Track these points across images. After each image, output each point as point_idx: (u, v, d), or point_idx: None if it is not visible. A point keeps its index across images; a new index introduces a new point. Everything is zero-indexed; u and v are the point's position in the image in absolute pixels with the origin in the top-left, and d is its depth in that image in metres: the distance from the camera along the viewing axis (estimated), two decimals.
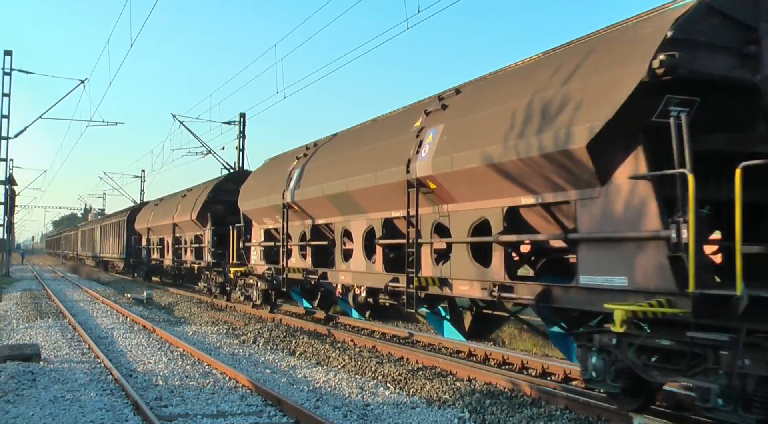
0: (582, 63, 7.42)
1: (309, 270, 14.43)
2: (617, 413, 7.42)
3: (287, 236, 15.49)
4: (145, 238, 34.00)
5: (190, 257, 25.46)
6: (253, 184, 18.27)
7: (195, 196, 24.96)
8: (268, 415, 7.93)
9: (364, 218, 12.18)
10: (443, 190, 9.57)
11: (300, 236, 15.05)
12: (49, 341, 14.20)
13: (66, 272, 56.28)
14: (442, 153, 9.37)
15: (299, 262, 15.00)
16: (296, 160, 15.51)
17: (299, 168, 14.91)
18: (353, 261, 12.68)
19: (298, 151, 16.21)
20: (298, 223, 15.06)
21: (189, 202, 25.52)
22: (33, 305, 22.78)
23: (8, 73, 27.14)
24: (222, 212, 22.57)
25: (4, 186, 27.66)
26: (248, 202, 17.83)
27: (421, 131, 10.22)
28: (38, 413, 8.00)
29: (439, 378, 9.76)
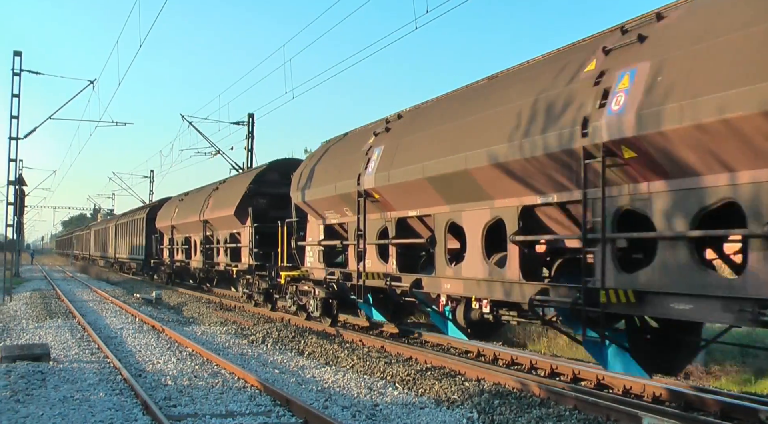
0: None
1: (393, 276, 11.94)
2: (626, 414, 7.39)
3: (361, 234, 12.85)
4: (168, 237, 30.94)
5: (225, 259, 22.57)
6: (311, 171, 15.33)
7: (232, 189, 21.89)
8: (276, 415, 7.93)
9: (487, 207, 9.56)
10: None
11: (379, 232, 12.61)
12: (59, 341, 14.26)
13: (75, 272, 56.51)
14: None
15: (378, 265, 12.45)
16: (374, 137, 12.72)
17: (382, 145, 12.05)
18: (466, 265, 10.10)
19: (376, 126, 13.37)
20: (377, 216, 12.52)
21: (224, 195, 22.40)
22: (42, 304, 22.88)
23: (18, 73, 27.21)
24: (264, 207, 19.90)
25: (13, 186, 27.79)
26: (305, 193, 15.10)
27: None
28: (48, 412, 8.03)
29: (448, 378, 9.74)
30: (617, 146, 6.99)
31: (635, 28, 7.58)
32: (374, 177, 11.83)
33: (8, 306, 23.03)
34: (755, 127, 5.67)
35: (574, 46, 8.83)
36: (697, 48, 6.45)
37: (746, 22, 6.08)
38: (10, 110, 27.41)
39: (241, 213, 20.09)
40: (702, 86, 6.18)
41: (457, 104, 10.62)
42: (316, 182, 14.66)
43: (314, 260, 15.35)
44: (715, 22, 6.52)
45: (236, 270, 21.26)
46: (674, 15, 7.28)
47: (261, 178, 20.48)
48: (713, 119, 5.98)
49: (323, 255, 14.94)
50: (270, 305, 19.77)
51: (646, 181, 7.05)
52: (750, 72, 5.77)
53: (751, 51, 5.90)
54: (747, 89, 5.72)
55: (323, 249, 14.95)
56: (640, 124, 6.65)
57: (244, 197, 20.03)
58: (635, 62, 7.07)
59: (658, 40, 7.09)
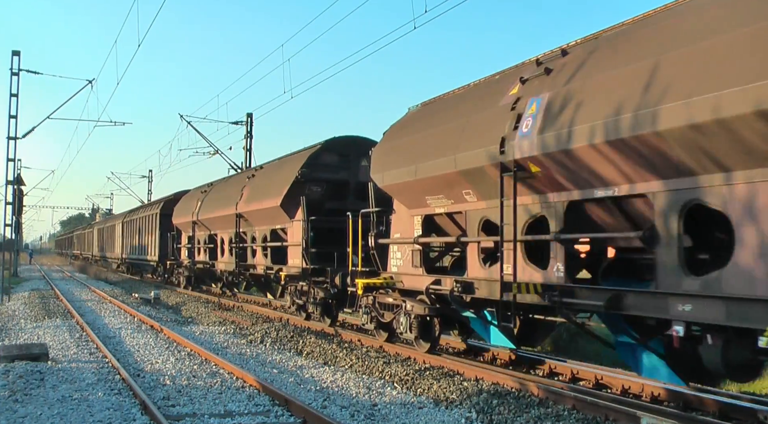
0: None
1: (562, 288, 8.24)
2: (625, 413, 7.40)
3: (504, 226, 8.87)
4: (187, 234, 27.26)
5: (264, 261, 18.90)
6: (404, 144, 11.64)
7: (277, 176, 17.92)
8: (275, 415, 7.93)
9: None
10: None
11: (527, 224, 8.90)
12: (57, 340, 14.25)
13: (74, 271, 56.46)
14: None
15: (530, 272, 8.78)
16: (521, 85, 9.07)
17: (543, 94, 8.42)
18: None
19: (517, 71, 9.74)
20: (528, 200, 8.82)
21: (265, 183, 18.51)
22: (41, 304, 22.86)
23: (16, 73, 27.20)
24: (318, 197, 16.29)
25: (12, 186, 27.78)
26: (393, 174, 11.62)
27: None
28: (46, 412, 8.02)
29: (447, 378, 9.75)
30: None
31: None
32: (536, 141, 8.09)
33: (6, 306, 23.02)
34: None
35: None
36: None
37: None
38: (9, 110, 27.41)
39: (290, 204, 16.38)
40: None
41: None
42: (413, 157, 10.91)
43: (404, 262, 11.86)
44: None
45: (283, 275, 17.12)
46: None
47: (315, 160, 16.41)
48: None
49: (421, 257, 11.36)
50: (329, 319, 15.89)
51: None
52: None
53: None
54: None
55: (421, 249, 11.46)
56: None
57: (294, 185, 16.13)
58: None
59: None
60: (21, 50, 27.52)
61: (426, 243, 11.50)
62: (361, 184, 15.48)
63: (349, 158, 16.30)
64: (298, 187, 16.12)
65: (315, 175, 16.30)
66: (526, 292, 8.68)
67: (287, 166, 17.57)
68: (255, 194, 18.92)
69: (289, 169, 17.10)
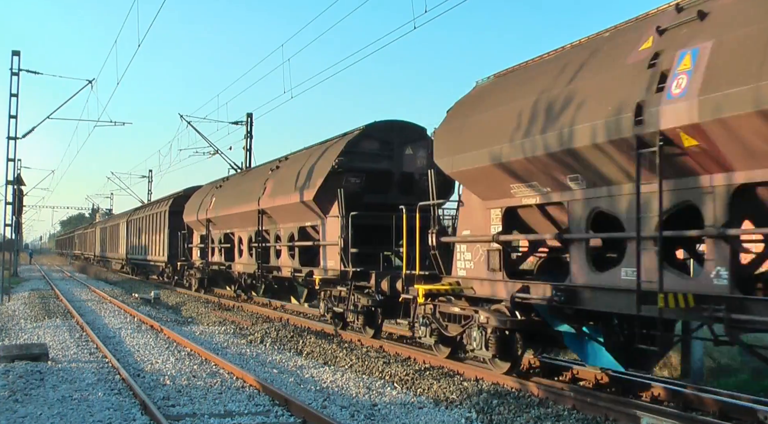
0: None
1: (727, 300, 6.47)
2: (624, 413, 7.40)
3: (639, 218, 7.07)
4: (200, 233, 25.39)
5: (290, 262, 16.97)
6: (481, 120, 9.60)
7: (308, 166, 15.63)
8: (275, 415, 7.93)
9: None
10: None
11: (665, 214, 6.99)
12: (57, 340, 14.25)
13: (74, 272, 56.46)
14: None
15: (672, 279, 6.96)
16: (658, 35, 7.25)
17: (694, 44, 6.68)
18: None
19: (648, 20, 7.76)
20: (671, 183, 6.97)
21: (294, 175, 16.11)
22: (41, 304, 22.86)
23: (16, 73, 27.19)
24: (357, 189, 14.31)
25: (12, 186, 27.78)
26: (465, 157, 9.61)
27: None
28: (46, 412, 8.02)
29: (447, 378, 9.75)
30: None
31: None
32: (696, 104, 6.34)
33: (6, 306, 23.02)
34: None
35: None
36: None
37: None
38: (9, 110, 27.41)
39: (325, 198, 14.38)
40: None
41: None
42: (495, 137, 9.02)
43: (476, 265, 9.95)
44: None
45: (318, 279, 14.87)
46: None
47: (354, 147, 14.37)
48: None
49: (501, 259, 9.46)
50: (372, 330, 13.65)
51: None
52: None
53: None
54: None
55: (501, 249, 9.46)
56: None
57: (330, 176, 14.10)
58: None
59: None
60: (21, 50, 27.54)
61: (507, 242, 9.54)
62: (406, 175, 14.67)
63: (392, 146, 14.54)
64: (334, 178, 14.09)
65: (354, 164, 14.20)
66: (674, 305, 6.72)
67: (320, 155, 15.36)
68: (281, 188, 16.72)
69: (322, 158, 14.98)
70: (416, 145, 14.78)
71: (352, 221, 13.40)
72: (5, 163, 27.23)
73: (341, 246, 13.64)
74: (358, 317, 13.64)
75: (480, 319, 9.61)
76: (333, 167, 14.07)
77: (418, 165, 14.60)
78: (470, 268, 10.16)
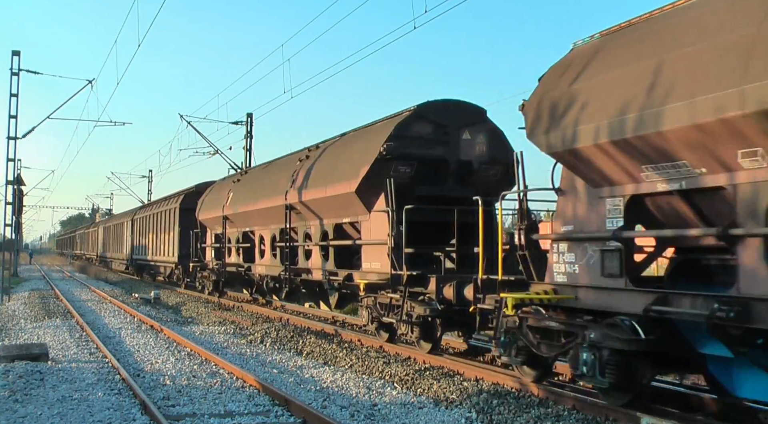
0: None
1: None
2: (624, 414, 7.40)
3: None
4: (215, 232, 23.54)
5: (323, 263, 14.77)
6: (593, 86, 7.63)
7: (348, 154, 13.86)
8: (275, 415, 7.93)
9: None
10: None
11: None
12: (57, 340, 14.25)
13: (74, 272, 56.46)
14: None
15: None
16: None
17: None
18: None
19: None
20: None
21: (330, 165, 14.39)
22: (41, 304, 22.86)
23: (16, 73, 27.19)
24: (408, 180, 12.31)
25: (12, 186, 27.78)
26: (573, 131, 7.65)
27: None
28: (46, 412, 8.02)
29: (447, 378, 9.75)
30: None
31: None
32: None
33: (6, 306, 23.02)
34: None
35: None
36: None
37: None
38: (9, 110, 27.40)
39: (369, 190, 12.49)
40: None
41: None
42: (619, 105, 7.06)
43: (582, 269, 8.05)
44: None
45: (363, 283, 12.70)
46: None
47: (404, 131, 12.40)
48: None
49: (622, 261, 7.45)
50: (428, 344, 11.73)
51: None
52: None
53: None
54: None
55: (622, 249, 7.49)
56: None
57: (376, 164, 12.22)
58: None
59: None
60: (21, 50, 27.55)
61: (630, 240, 7.72)
62: (463, 163, 12.71)
63: (447, 129, 12.61)
64: (381, 166, 12.16)
65: (404, 150, 12.26)
66: None
67: (364, 140, 13.51)
68: (313, 180, 14.85)
69: (366, 144, 13.12)
70: (475, 129, 12.84)
71: (403, 216, 11.40)
72: (5, 163, 27.24)
73: (391, 245, 11.73)
74: (412, 329, 11.58)
75: (591, 337, 7.64)
76: (380, 154, 12.08)
77: (477, 152, 12.80)
78: (573, 272, 8.16)
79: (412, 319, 11.49)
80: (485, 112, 13.13)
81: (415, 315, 11.38)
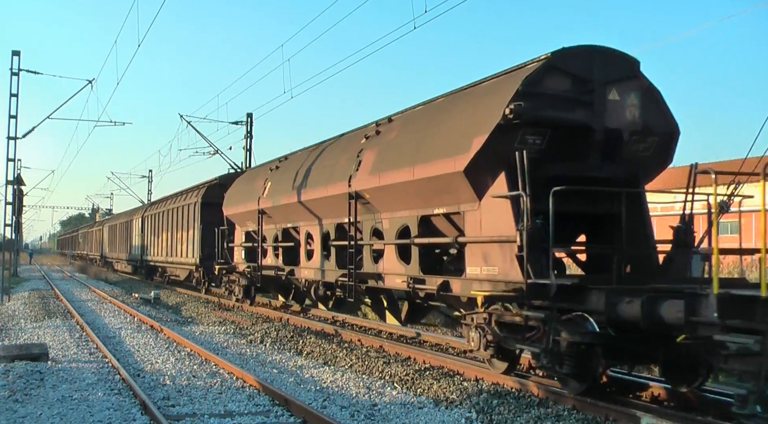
0: None
1: None
2: (624, 414, 7.40)
3: None
4: (244, 229, 20.32)
5: (402, 268, 11.69)
6: None
7: (443, 123, 10.57)
8: (275, 415, 7.93)
9: None
10: None
11: None
12: (57, 340, 14.25)
13: (74, 272, 56.45)
14: None
15: None
16: None
17: None
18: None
19: None
20: None
21: (416, 139, 11.16)
22: (41, 304, 22.87)
23: (16, 73, 27.18)
24: (536, 154, 8.88)
25: (12, 186, 27.79)
26: None
27: None
28: (46, 412, 8.02)
29: (447, 378, 9.74)
30: None
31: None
32: None
33: (6, 306, 23.03)
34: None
35: None
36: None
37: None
38: (9, 110, 27.40)
39: (484, 168, 9.24)
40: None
41: None
42: None
43: None
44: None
45: (483, 295, 9.14)
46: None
47: (535, 87, 9.01)
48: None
49: None
50: (583, 383, 8.25)
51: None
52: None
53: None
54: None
55: None
56: None
57: (497, 133, 8.90)
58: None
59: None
60: (21, 50, 27.55)
61: None
62: (611, 133, 9.23)
63: (591, 86, 9.23)
64: (503, 136, 8.88)
65: (537, 113, 8.83)
66: None
67: (470, 103, 10.17)
68: (392, 160, 11.64)
69: (478, 106, 9.75)
70: (624, 87, 9.42)
71: (554, 202, 7.96)
72: (5, 163, 27.24)
73: (521, 244, 8.30)
74: (560, 363, 8.10)
75: None
76: (505, 118, 8.70)
77: (628, 118, 9.38)
78: None
79: (560, 349, 7.99)
80: (638, 63, 9.63)
81: (565, 344, 7.94)
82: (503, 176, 9.02)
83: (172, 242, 29.70)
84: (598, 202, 9.23)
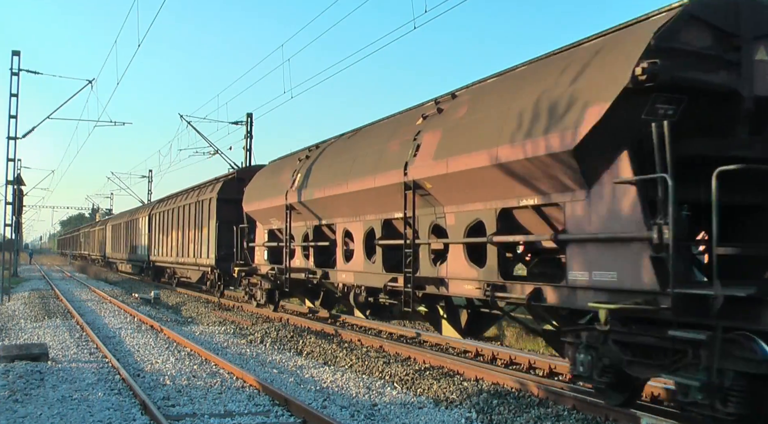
0: None
1: None
2: (624, 414, 7.40)
3: None
4: (267, 227, 17.97)
5: (473, 272, 9.34)
6: None
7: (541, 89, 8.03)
8: (275, 415, 7.93)
9: None
10: None
11: None
12: (57, 340, 14.25)
13: (74, 272, 56.45)
14: None
15: None
16: None
17: None
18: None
19: None
20: None
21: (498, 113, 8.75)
22: (41, 304, 22.86)
23: (16, 73, 27.18)
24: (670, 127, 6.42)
25: (12, 186, 27.79)
26: None
27: None
28: (46, 412, 8.02)
29: (447, 378, 9.75)
30: None
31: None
32: None
33: (6, 306, 23.03)
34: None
35: None
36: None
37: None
38: (9, 110, 27.41)
39: (600, 146, 7.06)
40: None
41: None
42: None
43: None
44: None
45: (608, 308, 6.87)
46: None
47: (670, 41, 6.83)
48: None
49: None
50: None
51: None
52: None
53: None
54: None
55: None
56: None
57: (624, 99, 6.77)
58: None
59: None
60: (21, 50, 27.55)
61: None
62: (761, 100, 7.13)
63: (738, 42, 7.20)
64: (629, 104, 6.86)
65: (676, 73, 6.79)
66: None
67: (579, 63, 7.81)
68: (460, 142, 9.47)
69: (586, 68, 7.61)
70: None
71: (717, 187, 6.10)
72: (5, 163, 27.25)
73: (660, 242, 6.38)
74: (725, 399, 6.01)
75: None
76: (635, 80, 6.68)
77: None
78: None
79: (724, 379, 6.03)
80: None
81: (732, 373, 6.02)
82: (625, 156, 6.94)
83: (184, 242, 27.51)
84: (748, 192, 7.13)
